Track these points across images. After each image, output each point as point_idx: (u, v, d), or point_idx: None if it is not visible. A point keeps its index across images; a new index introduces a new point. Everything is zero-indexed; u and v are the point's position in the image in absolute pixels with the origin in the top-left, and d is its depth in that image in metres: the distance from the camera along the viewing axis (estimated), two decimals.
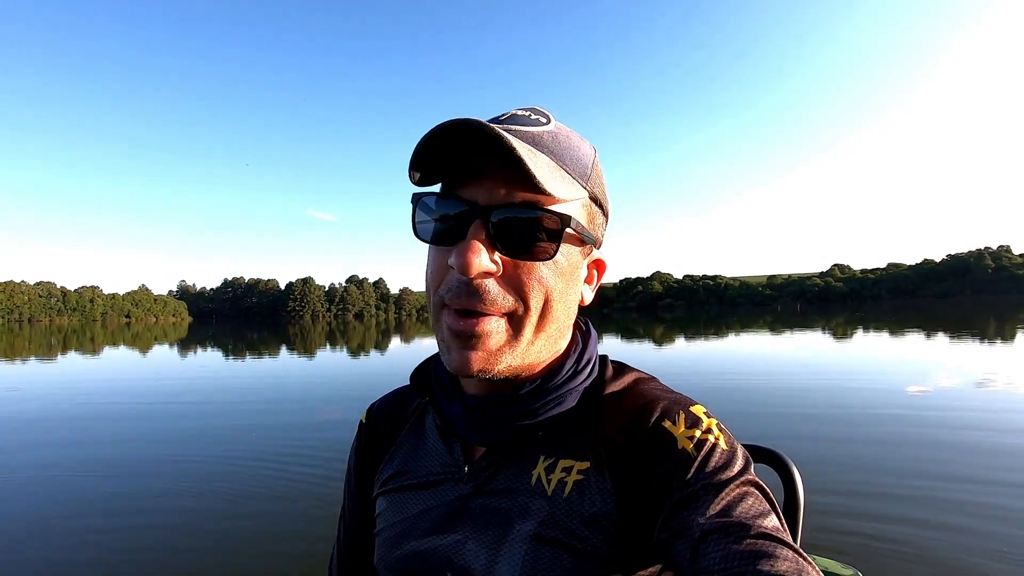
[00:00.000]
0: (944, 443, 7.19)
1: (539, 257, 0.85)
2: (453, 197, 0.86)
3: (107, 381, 17.08)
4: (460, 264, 0.81)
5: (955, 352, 19.10)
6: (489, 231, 0.83)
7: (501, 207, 0.83)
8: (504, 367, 0.88)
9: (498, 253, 0.84)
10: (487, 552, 0.89)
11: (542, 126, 0.89)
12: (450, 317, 0.86)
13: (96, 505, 5.86)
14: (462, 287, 0.84)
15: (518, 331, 0.87)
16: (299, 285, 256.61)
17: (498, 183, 0.83)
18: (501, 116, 0.91)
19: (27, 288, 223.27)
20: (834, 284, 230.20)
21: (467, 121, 0.77)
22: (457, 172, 0.87)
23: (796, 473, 1.28)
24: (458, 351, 0.86)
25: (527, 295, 0.85)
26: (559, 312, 0.90)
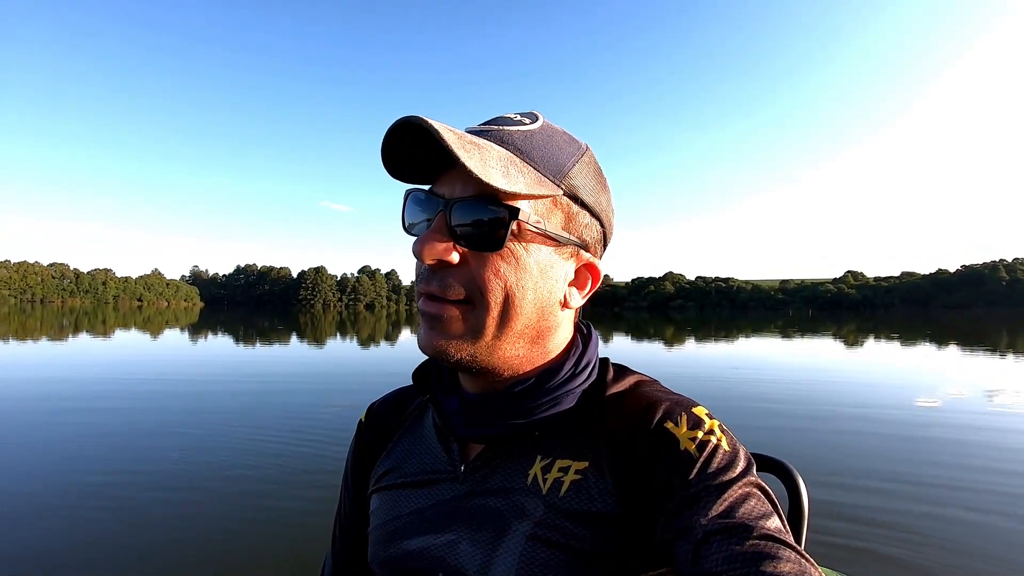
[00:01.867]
0: (950, 457, 7.16)
1: (489, 248, 0.86)
2: (431, 193, 0.90)
3: (114, 363, 17.16)
4: (416, 251, 0.86)
5: (966, 365, 18.99)
6: (449, 223, 0.86)
7: (459, 200, 0.85)
8: (466, 356, 0.89)
9: (458, 245, 0.86)
10: (481, 552, 0.89)
11: (524, 126, 0.90)
12: (420, 300, 0.90)
13: (94, 489, 5.90)
14: (425, 273, 0.88)
15: (479, 322, 0.88)
16: (311, 274, 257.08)
17: (460, 178, 0.86)
18: (492, 118, 0.93)
19: (40, 269, 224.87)
20: (847, 291, 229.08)
21: (409, 119, 0.80)
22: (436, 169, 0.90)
23: (801, 483, 1.28)
24: (424, 330, 0.90)
25: (483, 286, 0.87)
26: (527, 309, 0.90)
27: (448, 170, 0.88)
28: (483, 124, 0.92)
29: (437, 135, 0.77)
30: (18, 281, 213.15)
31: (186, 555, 4.51)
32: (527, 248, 0.88)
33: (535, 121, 0.93)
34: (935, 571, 4.27)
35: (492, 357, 0.91)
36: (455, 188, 0.87)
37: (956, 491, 5.91)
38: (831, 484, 6.09)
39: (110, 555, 4.49)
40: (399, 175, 0.92)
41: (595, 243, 0.98)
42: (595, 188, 0.96)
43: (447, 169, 0.89)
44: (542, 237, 0.89)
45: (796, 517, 1.25)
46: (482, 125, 0.91)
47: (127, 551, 4.56)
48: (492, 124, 0.91)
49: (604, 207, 0.98)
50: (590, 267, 0.99)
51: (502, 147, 0.86)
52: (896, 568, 4.33)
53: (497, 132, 0.88)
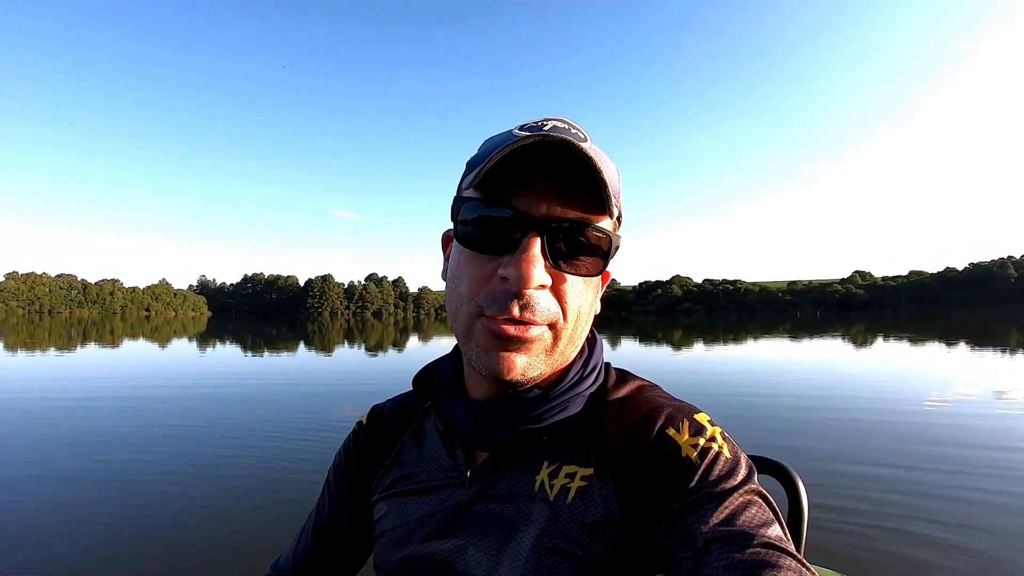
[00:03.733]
0: (957, 458, 7.12)
1: (586, 273, 0.87)
2: (505, 206, 0.85)
3: (122, 372, 17.10)
4: (518, 277, 0.81)
5: (975, 364, 18.84)
6: (544, 244, 0.83)
7: (558, 220, 0.83)
8: (537, 374, 0.89)
9: (553, 268, 0.85)
10: (488, 558, 0.89)
11: (583, 142, 0.85)
12: (491, 323, 0.85)
13: (97, 495, 5.91)
14: (510, 298, 0.83)
15: (556, 340, 0.88)
16: (318, 282, 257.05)
17: (553, 196, 0.84)
18: (542, 125, 0.88)
19: (48, 279, 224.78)
20: (855, 291, 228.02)
21: (552, 137, 0.79)
22: (504, 179, 0.85)
23: (801, 485, 1.28)
24: (499, 354, 0.86)
25: (567, 308, 0.87)
26: (585, 323, 0.93)
27: (532, 186, 0.84)
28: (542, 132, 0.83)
29: (593, 165, 0.78)
30: (26, 292, 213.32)
31: (194, 559, 4.53)
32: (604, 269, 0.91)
33: (586, 138, 0.90)
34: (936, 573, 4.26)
35: (552, 370, 0.92)
36: (551, 207, 0.84)
37: (966, 491, 5.87)
38: (838, 485, 6.06)
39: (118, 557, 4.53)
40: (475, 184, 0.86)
41: None
42: None
43: (530, 184, 0.85)
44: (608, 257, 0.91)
45: (795, 519, 1.25)
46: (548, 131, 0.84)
47: (134, 553, 4.59)
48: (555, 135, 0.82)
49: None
50: (605, 273, 0.99)
51: None
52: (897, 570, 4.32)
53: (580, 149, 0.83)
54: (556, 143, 0.79)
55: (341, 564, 1.19)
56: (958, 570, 4.28)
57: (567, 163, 0.80)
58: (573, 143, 0.78)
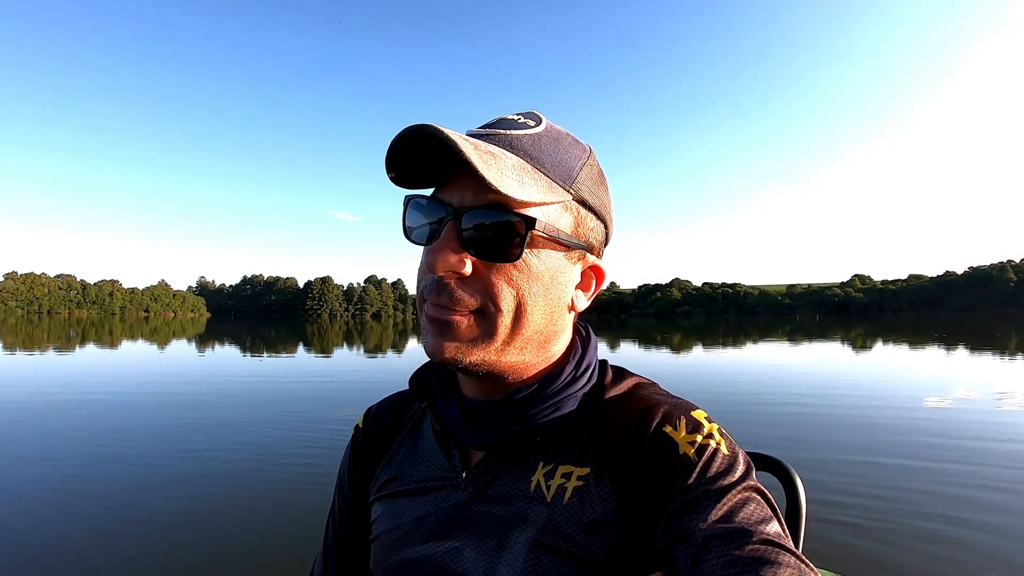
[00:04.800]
0: (955, 458, 7.14)
1: (505, 259, 0.85)
2: (435, 199, 0.87)
3: (121, 373, 17.12)
4: (428, 263, 0.84)
5: (974, 367, 18.89)
6: (460, 233, 0.84)
7: (470, 209, 0.84)
8: (477, 360, 0.88)
9: (469, 254, 0.85)
10: (485, 560, 0.88)
11: (529, 129, 0.88)
12: (428, 308, 0.87)
13: (97, 496, 5.91)
14: (434, 285, 0.86)
15: (490, 330, 0.87)
16: (318, 284, 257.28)
17: (469, 186, 0.84)
18: (493, 121, 0.92)
19: (47, 280, 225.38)
20: (854, 295, 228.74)
21: (422, 127, 0.79)
22: (440, 175, 0.88)
23: (799, 481, 1.27)
24: (433, 336, 0.87)
25: (495, 295, 0.85)
26: (536, 315, 0.89)
27: (455, 177, 0.86)
28: (485, 127, 0.90)
29: (454, 146, 0.76)
30: (25, 292, 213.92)
31: (197, 558, 4.53)
32: (539, 255, 0.88)
33: (539, 123, 0.91)
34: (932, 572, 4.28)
35: (501, 362, 0.90)
36: (465, 196, 0.85)
37: (965, 491, 5.89)
38: (838, 485, 6.08)
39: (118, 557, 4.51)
40: (401, 182, 0.90)
41: (599, 245, 0.98)
42: (600, 191, 0.95)
43: (453, 176, 0.87)
44: (553, 243, 0.89)
45: (793, 515, 1.25)
46: (484, 128, 0.89)
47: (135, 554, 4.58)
48: (496, 128, 0.89)
49: (607, 208, 0.98)
50: (595, 268, 0.99)
51: (512, 153, 0.85)
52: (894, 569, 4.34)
53: (505, 136, 0.87)
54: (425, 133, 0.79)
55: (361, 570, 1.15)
56: (956, 570, 4.29)
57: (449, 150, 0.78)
58: (434, 130, 0.77)
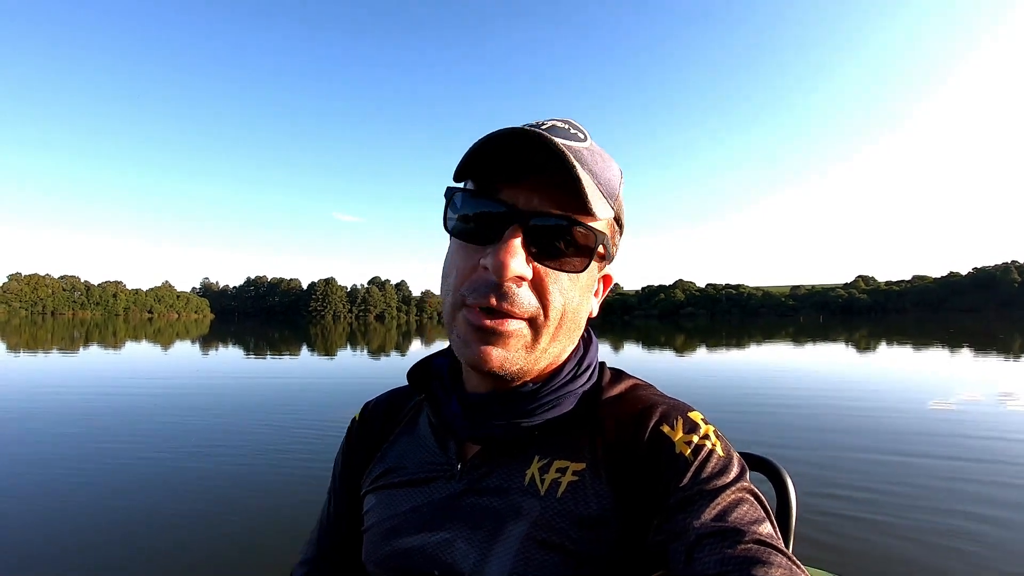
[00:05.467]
0: (962, 460, 7.11)
1: (569, 269, 0.87)
2: (491, 198, 0.86)
3: (125, 374, 17.14)
4: (496, 265, 0.82)
5: (979, 368, 18.83)
6: (526, 236, 0.84)
7: (540, 214, 0.84)
8: (517, 369, 0.89)
9: (531, 259, 0.85)
10: (477, 551, 0.89)
11: (580, 142, 0.89)
12: (470, 314, 0.87)
13: (100, 496, 5.92)
14: (490, 288, 0.84)
15: (536, 336, 0.88)
16: (321, 285, 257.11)
17: (538, 190, 0.85)
18: (540, 124, 0.90)
19: (51, 281, 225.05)
20: (858, 296, 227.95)
21: (530, 131, 0.79)
22: (494, 173, 0.87)
23: (789, 481, 1.28)
24: (479, 346, 0.87)
25: (548, 303, 0.87)
26: (572, 323, 0.93)
27: (519, 179, 0.86)
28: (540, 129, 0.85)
29: (567, 160, 0.79)
30: (29, 293, 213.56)
31: (199, 557, 4.56)
32: (589, 267, 0.90)
33: (586, 136, 0.92)
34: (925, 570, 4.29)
35: (535, 367, 0.92)
36: (531, 200, 0.85)
37: (969, 494, 5.86)
38: (838, 486, 6.08)
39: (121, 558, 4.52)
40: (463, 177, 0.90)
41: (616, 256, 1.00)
42: (624, 208, 0.98)
43: (516, 178, 0.86)
44: (600, 257, 0.92)
45: (784, 515, 1.25)
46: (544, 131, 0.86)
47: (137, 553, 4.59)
48: (553, 134, 0.86)
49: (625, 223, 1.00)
50: (606, 276, 1.02)
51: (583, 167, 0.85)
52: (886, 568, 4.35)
53: (571, 148, 0.86)
54: (531, 137, 0.79)
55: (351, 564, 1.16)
56: (965, 566, 4.29)
57: (549, 160, 0.81)
58: (548, 138, 0.79)
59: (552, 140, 0.79)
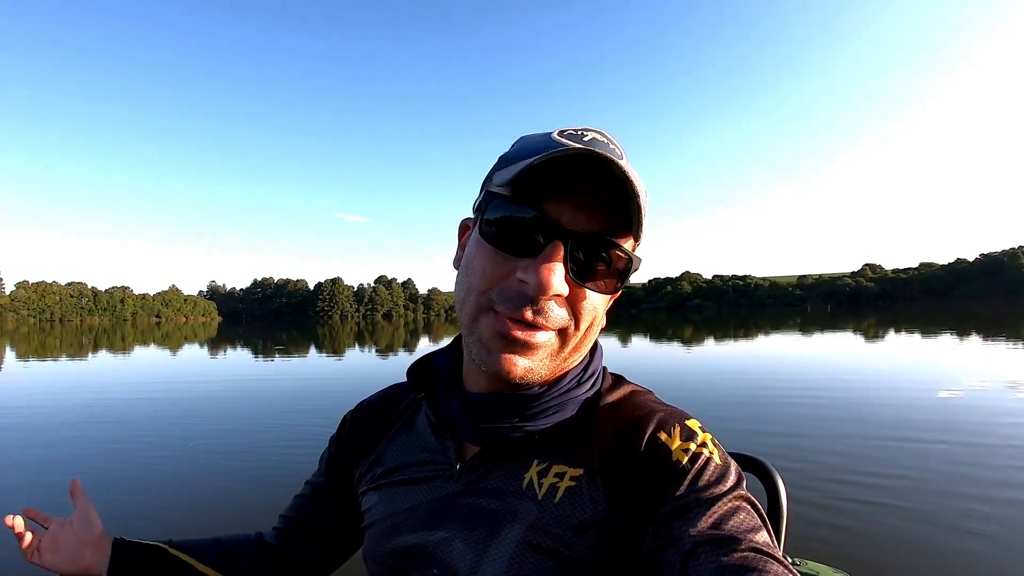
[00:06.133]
0: (973, 450, 7.09)
1: (603, 290, 0.88)
2: (537, 210, 0.84)
3: (135, 378, 17.18)
4: (538, 284, 0.81)
5: (987, 355, 18.82)
6: (567, 254, 0.83)
7: (585, 235, 0.84)
8: (538, 378, 0.89)
9: (571, 277, 0.85)
10: (473, 552, 0.89)
11: (620, 160, 0.85)
12: (499, 322, 0.86)
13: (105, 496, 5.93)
14: (525, 300, 0.84)
15: (564, 347, 0.89)
16: (328, 286, 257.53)
17: (585, 207, 0.84)
18: (582, 135, 0.89)
19: (59, 288, 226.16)
20: (865, 284, 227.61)
21: (593, 152, 0.78)
22: (538, 183, 0.84)
23: (780, 482, 1.28)
24: (502, 354, 0.86)
25: (580, 317, 0.88)
26: (593, 335, 0.94)
27: (566, 195, 0.84)
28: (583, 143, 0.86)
29: (630, 187, 0.79)
30: (37, 301, 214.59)
31: None
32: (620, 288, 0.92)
33: (622, 153, 0.91)
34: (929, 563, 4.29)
35: (555, 374, 0.93)
36: (577, 219, 0.84)
37: (981, 482, 5.86)
38: (849, 475, 6.09)
39: None
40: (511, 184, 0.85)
41: None
42: None
43: (564, 192, 0.84)
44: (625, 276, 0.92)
45: (775, 516, 1.25)
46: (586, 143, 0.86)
47: None
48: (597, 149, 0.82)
49: None
50: None
51: None
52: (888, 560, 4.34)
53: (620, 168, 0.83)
54: (595, 158, 0.79)
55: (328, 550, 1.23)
56: (948, 560, 4.30)
57: (604, 179, 0.81)
58: (615, 162, 0.78)
59: (619, 165, 0.78)
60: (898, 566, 4.27)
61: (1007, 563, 4.22)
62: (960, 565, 4.24)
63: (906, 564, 4.29)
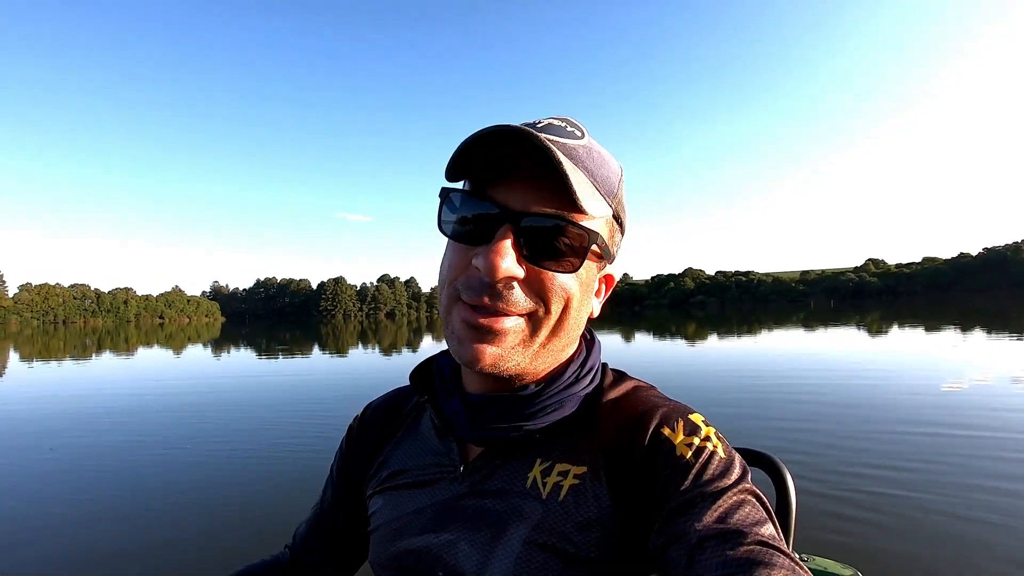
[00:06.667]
0: (975, 444, 7.07)
1: (562, 269, 0.86)
2: (484, 198, 0.86)
3: (138, 379, 17.23)
4: (486, 266, 0.82)
5: (990, 350, 18.77)
6: (518, 237, 0.83)
7: (532, 215, 0.83)
8: (513, 366, 0.88)
9: (524, 259, 0.84)
10: (479, 553, 0.89)
11: (577, 139, 0.89)
12: (465, 311, 0.87)
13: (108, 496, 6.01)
14: (483, 287, 0.84)
15: (534, 332, 0.88)
16: (331, 285, 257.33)
17: (531, 190, 0.84)
18: (536, 123, 0.90)
19: (62, 290, 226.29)
20: (868, 279, 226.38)
21: (515, 128, 0.79)
22: (486, 172, 0.86)
23: (788, 477, 1.27)
24: (471, 344, 0.87)
25: (548, 300, 0.87)
26: (573, 321, 0.92)
27: (509, 178, 0.85)
28: (538, 130, 0.87)
29: (552, 156, 0.78)
30: (40, 303, 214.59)
31: (212, 559, 4.57)
32: (586, 265, 0.90)
33: (583, 133, 0.92)
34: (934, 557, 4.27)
35: (534, 367, 0.92)
36: (526, 201, 0.84)
37: (984, 475, 5.85)
38: (852, 470, 6.09)
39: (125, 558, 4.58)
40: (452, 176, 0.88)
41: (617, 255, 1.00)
42: (625, 206, 0.97)
43: (505, 175, 0.85)
44: (598, 257, 0.92)
45: (783, 511, 1.25)
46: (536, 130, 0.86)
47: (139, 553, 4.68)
48: (548, 132, 0.87)
49: (626, 222, 0.99)
50: (608, 276, 1.01)
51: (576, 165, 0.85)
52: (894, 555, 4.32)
53: (562, 146, 0.86)
54: (516, 134, 0.79)
55: (338, 557, 1.21)
56: (954, 555, 4.28)
57: (535, 156, 0.80)
58: (533, 134, 0.78)
59: (537, 136, 0.78)
60: (906, 558, 4.25)
61: (1017, 557, 4.19)
62: (967, 556, 4.22)
63: (914, 556, 4.27)
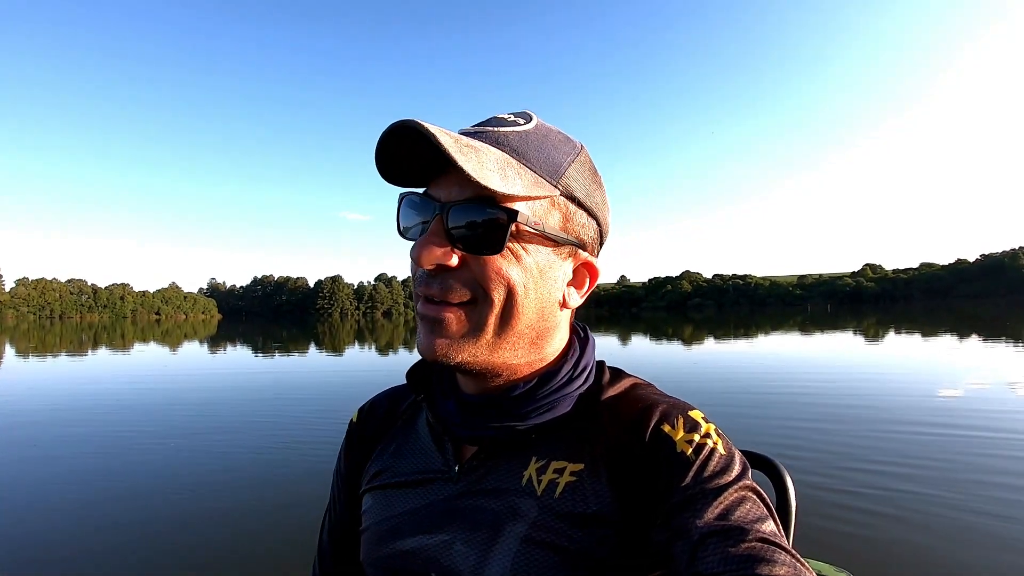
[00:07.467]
0: (972, 448, 7.07)
1: (488, 251, 0.86)
2: (426, 196, 0.89)
3: (134, 375, 17.17)
4: (414, 256, 0.85)
5: (987, 356, 18.76)
6: (446, 227, 0.85)
7: (455, 203, 0.85)
8: (468, 357, 0.89)
9: (456, 248, 0.86)
10: (475, 553, 0.89)
11: (518, 127, 0.90)
12: (419, 303, 0.90)
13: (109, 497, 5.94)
14: (422, 278, 0.88)
15: (480, 322, 0.88)
16: (328, 283, 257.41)
17: (455, 181, 0.86)
18: (485, 120, 0.93)
19: (58, 285, 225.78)
20: (866, 284, 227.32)
21: (405, 122, 0.80)
22: (432, 172, 0.89)
23: (789, 480, 1.28)
24: (424, 335, 0.89)
25: (486, 286, 0.86)
26: (528, 309, 0.90)
27: (443, 174, 0.88)
28: (476, 125, 0.92)
29: (433, 139, 0.77)
30: (37, 298, 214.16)
31: (207, 556, 4.57)
32: (526, 248, 0.88)
33: (529, 121, 0.93)
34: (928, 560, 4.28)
35: (492, 358, 0.91)
36: (451, 191, 0.86)
37: (979, 483, 5.84)
38: (847, 475, 6.10)
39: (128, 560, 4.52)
40: (395, 180, 0.92)
41: (592, 242, 0.98)
42: (591, 187, 0.96)
43: (442, 173, 0.88)
44: (540, 238, 0.89)
45: (784, 513, 1.25)
46: (475, 126, 0.91)
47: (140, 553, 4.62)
48: (486, 125, 0.90)
49: (600, 205, 0.98)
50: (588, 266, 0.99)
51: (498, 149, 0.86)
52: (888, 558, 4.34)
53: (492, 133, 0.88)
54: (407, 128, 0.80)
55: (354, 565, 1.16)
56: (949, 558, 4.29)
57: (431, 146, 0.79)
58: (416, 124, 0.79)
59: (420, 125, 0.78)
60: (900, 561, 4.27)
61: (1013, 559, 4.20)
62: (963, 559, 4.24)
63: (908, 559, 4.28)
